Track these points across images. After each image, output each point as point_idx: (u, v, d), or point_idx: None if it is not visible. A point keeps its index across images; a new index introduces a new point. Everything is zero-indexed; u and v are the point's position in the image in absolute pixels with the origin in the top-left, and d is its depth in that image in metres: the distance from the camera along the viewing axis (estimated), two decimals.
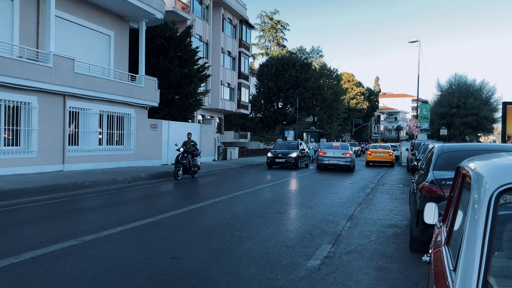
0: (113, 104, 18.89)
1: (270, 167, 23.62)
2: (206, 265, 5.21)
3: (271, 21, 67.61)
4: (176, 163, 16.15)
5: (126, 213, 8.82)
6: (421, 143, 22.16)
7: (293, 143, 25.35)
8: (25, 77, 14.24)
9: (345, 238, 6.85)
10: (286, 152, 23.59)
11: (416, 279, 4.93)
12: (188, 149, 16.60)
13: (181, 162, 16.03)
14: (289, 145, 24.90)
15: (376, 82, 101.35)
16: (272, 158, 23.55)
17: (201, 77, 25.76)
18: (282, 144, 25.74)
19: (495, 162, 2.24)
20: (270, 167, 23.62)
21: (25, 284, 4.40)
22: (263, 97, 51.02)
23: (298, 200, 11.04)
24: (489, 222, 1.74)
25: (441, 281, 2.10)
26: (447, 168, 5.77)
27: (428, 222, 3.13)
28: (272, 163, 23.55)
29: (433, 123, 46.49)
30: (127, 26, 21.02)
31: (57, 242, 6.13)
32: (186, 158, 16.22)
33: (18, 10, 15.15)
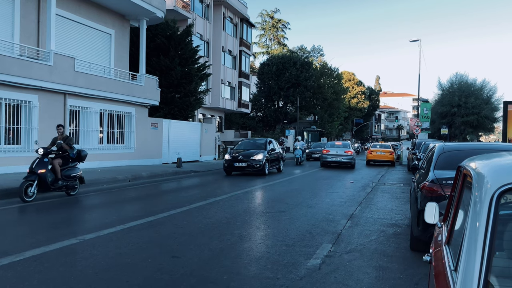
0: (113, 103, 18.89)
1: (228, 174, 18.16)
2: (207, 264, 5.21)
3: (272, 20, 67.55)
4: (28, 174, 9.86)
5: (126, 212, 8.82)
6: (421, 142, 22.14)
7: (260, 142, 20.10)
8: (26, 76, 14.24)
9: (346, 237, 6.85)
10: (249, 153, 18.24)
11: (417, 278, 4.92)
12: (52, 151, 10.50)
13: (35, 172, 9.77)
14: (255, 144, 19.71)
15: (377, 81, 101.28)
16: (230, 162, 17.93)
17: (201, 76, 25.75)
18: (246, 143, 20.40)
19: (496, 161, 2.23)
20: (228, 174, 18.16)
21: (25, 283, 4.40)
22: (263, 96, 50.98)
23: (298, 199, 11.03)
24: (490, 222, 1.73)
25: (441, 281, 2.10)
26: (448, 168, 5.76)
27: (429, 221, 3.13)
28: (231, 168, 17.99)
29: (433, 122, 46.49)
30: (128, 24, 21.00)
31: (57, 240, 6.13)
32: (46, 165, 10.04)
33: (19, 9, 15.14)
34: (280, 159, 20.65)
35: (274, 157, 19.65)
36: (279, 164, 20.44)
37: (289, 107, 52.08)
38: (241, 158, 17.87)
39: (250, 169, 17.69)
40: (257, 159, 17.83)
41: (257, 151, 18.45)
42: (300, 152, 27.26)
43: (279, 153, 20.68)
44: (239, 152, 18.51)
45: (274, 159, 19.65)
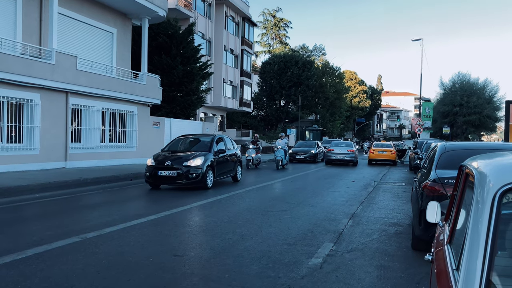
0: (115, 102, 18.91)
1: (154, 187, 12.50)
2: (208, 263, 5.21)
3: (273, 18, 67.51)
4: None
5: (128, 211, 8.84)
6: (423, 141, 22.11)
7: (203, 140, 13.94)
8: (28, 74, 14.26)
9: (347, 237, 6.84)
10: (181, 157, 12.51)
11: (418, 277, 4.92)
12: None
13: None
14: (196, 143, 13.95)
15: (378, 80, 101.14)
16: (153, 170, 12.12)
17: (203, 74, 25.77)
18: (182, 142, 14.23)
19: (499, 161, 2.23)
20: (154, 187, 12.50)
21: (27, 281, 4.41)
22: (265, 95, 50.98)
23: (300, 198, 11.03)
24: (492, 221, 1.73)
25: (443, 280, 2.09)
26: (450, 167, 5.76)
27: (431, 220, 3.12)
28: (155, 180, 12.18)
29: (435, 121, 46.43)
30: (130, 23, 21.02)
31: (60, 239, 6.15)
32: None
33: (21, 7, 15.16)
34: (237, 163, 14.88)
35: (225, 161, 13.80)
36: (234, 171, 14.58)
37: (290, 106, 52.08)
38: (169, 164, 12.00)
39: (183, 180, 11.89)
40: (194, 165, 11.99)
41: (196, 153, 12.66)
42: (282, 153, 21.55)
43: (234, 155, 14.71)
44: (169, 155, 12.74)
45: (225, 164, 13.81)
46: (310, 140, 44.03)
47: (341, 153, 26.25)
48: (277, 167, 21.33)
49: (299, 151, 27.88)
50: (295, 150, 28.21)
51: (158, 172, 12.04)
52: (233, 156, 14.74)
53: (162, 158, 12.45)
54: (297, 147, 29.23)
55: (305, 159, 27.19)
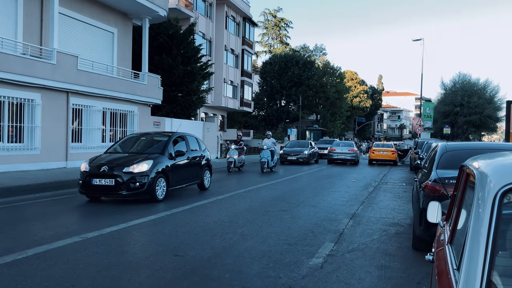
0: (116, 102, 18.92)
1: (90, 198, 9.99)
2: (209, 263, 5.21)
3: (274, 18, 67.52)
4: None
5: (128, 210, 8.83)
6: (424, 141, 22.10)
7: (159, 139, 11.27)
8: (29, 74, 14.28)
9: (348, 237, 6.84)
10: (122, 161, 9.83)
11: (419, 277, 4.92)
12: None
13: None
14: (146, 143, 11.43)
15: (379, 80, 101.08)
16: (88, 177, 9.53)
17: (204, 74, 25.77)
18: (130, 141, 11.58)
19: (500, 161, 2.23)
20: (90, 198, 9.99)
21: (28, 280, 4.41)
22: (266, 95, 50.99)
23: (300, 199, 11.03)
24: (493, 221, 1.73)
25: (444, 280, 2.09)
26: (451, 167, 5.76)
27: (431, 221, 3.13)
28: (89, 189, 9.64)
29: (436, 121, 46.38)
30: (131, 23, 21.03)
31: (60, 238, 6.15)
32: None
33: (22, 7, 15.18)
34: (204, 167, 12.31)
35: (186, 165, 11.20)
36: (200, 178, 12.01)
37: (291, 106, 52.08)
38: (105, 170, 9.39)
39: (123, 190, 9.31)
40: (137, 171, 9.37)
41: (143, 156, 10.03)
42: (268, 154, 19.29)
43: (199, 158, 12.11)
44: (110, 158, 10.11)
45: (186, 169, 11.24)
46: (311, 140, 43.88)
47: (342, 153, 27.08)
48: (262, 170, 19.04)
49: (290, 151, 25.99)
50: (287, 150, 26.38)
51: (92, 180, 9.43)
52: (199, 159, 12.07)
53: (99, 162, 9.78)
54: (289, 147, 27.39)
55: (297, 160, 25.31)
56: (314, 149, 27.73)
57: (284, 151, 26.15)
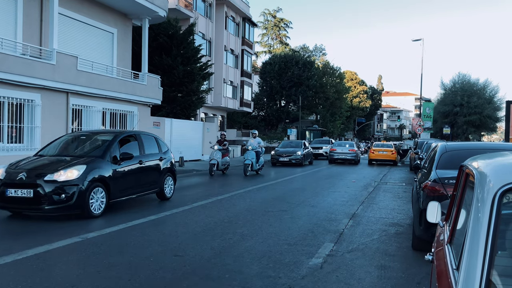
0: (116, 102, 18.91)
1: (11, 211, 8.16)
2: (208, 263, 5.22)
3: (274, 19, 67.56)
4: None
5: (128, 210, 8.83)
6: (424, 141, 22.11)
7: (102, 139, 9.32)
8: (28, 75, 14.27)
9: (348, 237, 6.85)
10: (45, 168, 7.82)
11: (419, 277, 4.92)
12: None
13: None
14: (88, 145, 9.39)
15: (379, 80, 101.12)
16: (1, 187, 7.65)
17: (203, 75, 25.77)
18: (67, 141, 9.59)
19: (499, 161, 2.23)
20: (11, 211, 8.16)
21: (28, 281, 4.42)
22: (265, 95, 50.98)
23: (300, 199, 11.03)
24: (492, 221, 1.73)
25: (443, 280, 2.10)
26: (450, 167, 5.76)
27: (431, 221, 3.13)
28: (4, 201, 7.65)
29: (436, 121, 46.38)
30: (130, 23, 21.03)
31: (60, 239, 6.15)
32: None
33: (22, 8, 15.17)
34: (164, 173, 10.34)
35: (138, 171, 9.33)
36: (159, 186, 10.10)
37: (291, 106, 52.07)
38: (23, 179, 7.58)
39: (44, 204, 7.44)
40: (64, 179, 7.57)
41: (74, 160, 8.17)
42: (252, 155, 17.73)
43: (157, 162, 10.16)
44: (32, 164, 8.21)
45: (138, 176, 9.37)
46: (311, 139, 43.78)
47: (343, 153, 27.67)
48: (245, 173, 17.28)
49: (282, 152, 24.37)
50: (278, 151, 24.74)
51: (6, 191, 7.55)
52: (157, 163, 10.09)
53: (17, 168, 7.91)
54: (281, 147, 25.93)
55: (289, 161, 23.82)
56: (308, 149, 26.46)
57: (276, 152, 24.83)
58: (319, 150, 31.99)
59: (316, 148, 31.42)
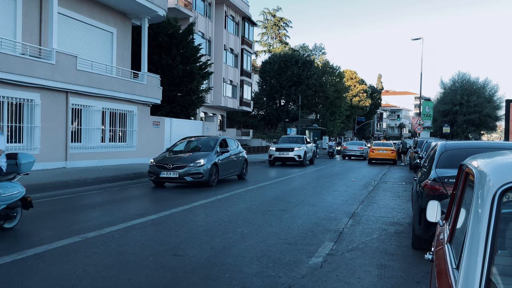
0: (115, 101, 18.91)
1: None
2: (208, 262, 5.21)
3: (273, 18, 67.54)
4: None
5: (128, 210, 8.83)
6: (423, 140, 22.11)
7: None
8: (28, 74, 14.26)
9: (347, 236, 6.85)
10: None
11: (419, 277, 4.92)
12: None
13: None
14: None
15: (378, 79, 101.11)
16: None
17: (203, 74, 25.76)
18: None
19: (499, 160, 2.22)
20: None
21: (28, 281, 4.41)
22: (265, 94, 50.98)
23: (300, 198, 11.03)
24: (492, 220, 1.73)
25: (443, 279, 2.10)
26: (450, 166, 5.76)
27: (431, 220, 3.13)
28: None
29: (435, 120, 46.39)
30: (130, 23, 21.01)
31: (60, 239, 6.15)
32: None
33: (21, 7, 15.16)
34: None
35: None
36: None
37: (290, 105, 52.08)
38: None
39: None
40: None
41: None
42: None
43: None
44: None
45: None
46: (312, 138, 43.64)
47: (353, 150, 32.79)
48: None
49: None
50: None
51: None
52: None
53: None
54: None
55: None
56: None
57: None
58: (289, 152, 22.75)
59: (283, 150, 22.91)
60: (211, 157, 12.94)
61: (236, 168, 14.75)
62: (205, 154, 12.96)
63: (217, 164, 13.10)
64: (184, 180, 12.29)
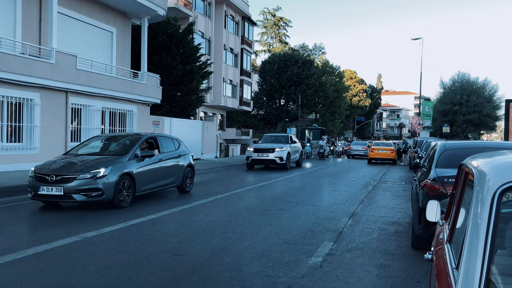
0: (115, 101, 18.90)
1: None
2: (208, 262, 5.21)
3: (273, 18, 67.49)
4: None
5: (128, 210, 8.83)
6: (423, 140, 22.13)
7: None
8: (28, 74, 14.26)
9: (347, 236, 6.85)
10: None
11: (418, 276, 4.92)
12: None
13: None
14: None
15: (378, 79, 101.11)
16: None
17: (203, 74, 25.75)
18: None
19: (498, 160, 2.23)
20: None
21: (27, 280, 4.41)
22: (265, 94, 50.94)
23: (299, 198, 11.03)
24: (492, 220, 1.73)
25: (443, 279, 2.10)
26: (450, 166, 5.76)
27: (430, 219, 3.13)
28: None
29: (435, 120, 46.37)
30: (130, 22, 21.01)
31: (59, 238, 6.15)
32: None
33: (21, 7, 15.15)
34: None
35: None
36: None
37: (290, 105, 52.03)
38: None
39: None
40: None
41: None
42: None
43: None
44: None
45: None
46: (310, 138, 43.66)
47: (357, 150, 34.57)
48: None
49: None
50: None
51: None
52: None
53: None
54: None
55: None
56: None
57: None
58: (269, 154, 19.42)
59: (262, 151, 19.64)
60: (122, 164, 9.01)
61: (172, 178, 10.85)
62: (110, 160, 9.00)
63: (132, 175, 9.17)
64: (73, 199, 8.35)
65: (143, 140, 10.23)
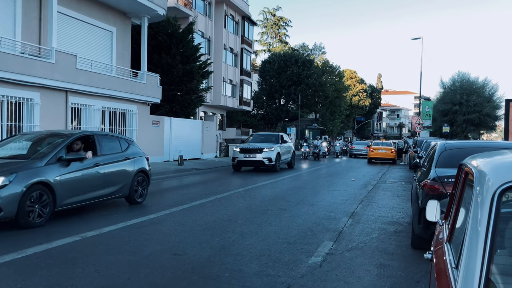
0: (115, 101, 18.89)
1: None
2: (208, 261, 5.22)
3: (273, 17, 67.47)
4: None
5: (128, 210, 8.83)
6: (423, 140, 22.13)
7: None
8: (28, 73, 14.25)
9: (347, 235, 6.85)
10: None
11: (418, 276, 4.93)
12: None
13: None
14: None
15: (378, 79, 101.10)
16: None
17: (203, 73, 25.75)
18: None
19: (498, 159, 2.23)
20: None
21: (27, 280, 4.41)
22: (265, 93, 50.93)
23: (299, 197, 11.03)
24: (491, 220, 1.73)
25: (443, 279, 2.10)
26: (450, 166, 5.76)
27: (430, 219, 3.13)
28: None
29: (435, 120, 46.36)
30: (129, 22, 21.00)
31: (59, 238, 6.15)
32: None
33: (21, 6, 15.14)
34: None
35: None
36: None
37: (290, 105, 52.02)
38: None
39: None
40: None
41: None
42: None
43: None
44: None
45: None
46: (310, 138, 43.70)
47: (360, 149, 35.43)
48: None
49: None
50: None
51: None
52: None
53: None
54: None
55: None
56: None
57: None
58: (257, 154, 18.05)
59: (249, 151, 18.27)
60: (33, 171, 6.95)
61: (115, 187, 8.77)
62: (16, 166, 6.89)
63: (51, 185, 7.13)
64: None
65: (71, 139, 7.98)
